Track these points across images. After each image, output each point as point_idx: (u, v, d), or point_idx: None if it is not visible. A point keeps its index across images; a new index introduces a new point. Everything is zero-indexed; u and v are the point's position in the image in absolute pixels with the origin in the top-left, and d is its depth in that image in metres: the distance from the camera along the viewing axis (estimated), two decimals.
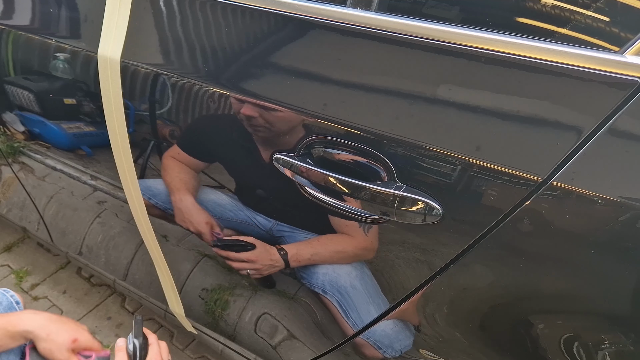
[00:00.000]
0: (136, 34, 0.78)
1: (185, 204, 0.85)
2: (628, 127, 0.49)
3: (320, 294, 0.78)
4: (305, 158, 0.67)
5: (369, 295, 0.73)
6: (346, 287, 0.75)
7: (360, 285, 0.73)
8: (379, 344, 0.76)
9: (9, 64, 1.02)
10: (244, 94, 0.69)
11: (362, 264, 0.71)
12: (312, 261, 0.75)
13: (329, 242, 0.72)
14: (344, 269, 0.74)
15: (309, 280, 0.78)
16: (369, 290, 0.72)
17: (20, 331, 0.75)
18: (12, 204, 1.42)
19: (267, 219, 0.78)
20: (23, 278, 1.65)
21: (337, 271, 0.74)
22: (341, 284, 0.75)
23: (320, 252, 0.74)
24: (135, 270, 1.14)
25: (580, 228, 0.52)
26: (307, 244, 0.75)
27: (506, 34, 0.53)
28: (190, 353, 1.44)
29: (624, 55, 0.49)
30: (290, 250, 0.77)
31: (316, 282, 0.77)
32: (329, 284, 0.76)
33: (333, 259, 0.73)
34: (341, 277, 0.75)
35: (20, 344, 0.77)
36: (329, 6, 0.63)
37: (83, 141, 1.00)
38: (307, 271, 0.78)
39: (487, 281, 0.60)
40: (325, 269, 0.76)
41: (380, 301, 0.72)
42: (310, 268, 0.77)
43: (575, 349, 0.56)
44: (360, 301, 0.74)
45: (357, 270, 0.72)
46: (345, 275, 0.74)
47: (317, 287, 0.77)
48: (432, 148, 0.57)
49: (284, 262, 0.78)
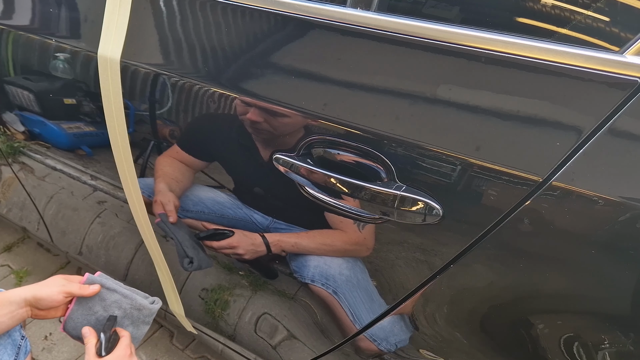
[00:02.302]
0: (136, 34, 0.78)
1: (158, 187, 0.88)
2: (628, 127, 0.49)
3: (322, 293, 0.78)
4: (305, 158, 0.67)
5: (369, 295, 0.73)
6: (347, 286, 0.75)
7: (363, 284, 0.73)
8: (379, 340, 0.76)
9: (9, 64, 1.02)
10: (244, 94, 0.69)
11: (364, 263, 0.71)
12: (296, 248, 0.77)
13: (317, 234, 0.74)
14: (345, 268, 0.74)
15: (302, 274, 0.79)
16: (369, 289, 0.72)
17: (18, 299, 0.75)
18: (12, 204, 1.42)
19: (264, 216, 0.79)
20: (23, 278, 1.65)
21: (343, 273, 0.75)
22: (340, 282, 0.75)
23: (303, 242, 0.76)
24: (135, 270, 1.14)
25: (580, 228, 0.52)
26: (291, 234, 0.77)
27: (506, 34, 0.54)
28: (190, 353, 1.44)
29: (624, 55, 0.49)
30: (272, 236, 0.79)
31: (319, 280, 0.78)
32: (332, 281, 0.76)
33: (320, 250, 0.74)
34: (343, 277, 0.75)
35: (19, 321, 0.76)
36: (329, 6, 0.63)
37: (83, 141, 1.00)
38: (298, 264, 0.79)
39: (487, 281, 0.60)
40: (329, 269, 0.76)
41: (379, 301, 0.72)
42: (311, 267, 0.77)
43: (575, 349, 0.56)
44: (361, 301, 0.74)
45: (359, 270, 0.72)
46: (340, 270, 0.74)
47: (327, 287, 0.78)
48: (432, 148, 0.57)
49: (265, 247, 0.79)
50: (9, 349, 0.80)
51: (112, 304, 0.79)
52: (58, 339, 1.43)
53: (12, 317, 0.75)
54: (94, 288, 0.78)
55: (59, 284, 0.78)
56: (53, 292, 0.76)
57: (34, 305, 0.76)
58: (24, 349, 0.84)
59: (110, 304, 0.79)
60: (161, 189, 0.87)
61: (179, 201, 0.87)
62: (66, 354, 1.39)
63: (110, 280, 0.81)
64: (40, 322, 1.47)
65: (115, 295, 0.80)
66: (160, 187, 0.87)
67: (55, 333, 1.44)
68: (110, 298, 0.79)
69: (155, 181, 0.88)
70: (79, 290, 0.78)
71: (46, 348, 1.40)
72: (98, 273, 0.82)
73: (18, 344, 0.82)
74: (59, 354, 1.39)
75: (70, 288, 0.77)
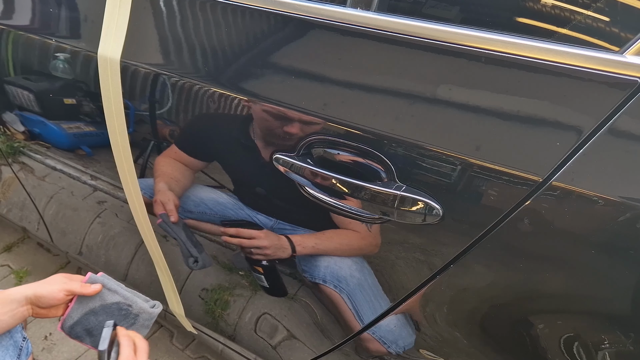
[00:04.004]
0: (136, 34, 0.78)
1: (158, 187, 0.87)
2: (628, 127, 0.49)
3: (326, 289, 0.78)
4: (305, 158, 0.67)
5: (370, 295, 0.73)
6: (355, 285, 0.75)
7: (364, 283, 0.73)
8: (379, 338, 0.76)
9: (9, 64, 1.02)
10: (244, 94, 0.69)
11: (364, 263, 0.71)
12: (316, 250, 0.76)
13: (334, 235, 0.73)
14: (347, 267, 0.74)
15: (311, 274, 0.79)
16: (371, 289, 0.72)
17: (19, 297, 0.74)
18: (12, 204, 1.42)
19: (268, 217, 0.79)
20: (23, 278, 1.65)
21: (353, 274, 0.74)
22: (346, 280, 0.75)
23: (322, 243, 0.75)
24: (135, 270, 1.14)
25: (580, 228, 0.52)
26: (309, 235, 0.76)
27: (506, 34, 0.53)
28: (190, 353, 1.44)
29: (624, 55, 0.49)
30: (295, 238, 0.78)
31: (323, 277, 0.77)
32: (342, 281, 0.76)
33: (338, 250, 0.74)
34: (347, 275, 0.75)
35: (20, 319, 0.76)
36: (329, 6, 0.63)
37: (83, 141, 1.00)
38: (309, 264, 0.79)
39: (487, 281, 0.60)
40: (332, 265, 0.76)
41: (381, 301, 0.72)
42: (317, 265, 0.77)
43: (575, 349, 0.56)
44: (363, 300, 0.74)
45: (361, 270, 0.72)
46: (351, 272, 0.74)
47: (338, 289, 0.77)
48: (432, 148, 0.57)
49: (290, 246, 0.78)
50: (10, 350, 0.80)
51: (112, 305, 0.79)
52: (58, 339, 1.42)
53: (13, 315, 0.74)
54: (96, 287, 0.78)
55: (61, 282, 0.77)
56: (54, 290, 0.76)
57: (34, 304, 0.75)
58: (26, 351, 0.84)
59: (110, 305, 0.79)
60: (161, 189, 0.87)
61: (179, 200, 0.87)
62: (66, 354, 1.39)
63: (112, 281, 0.81)
64: (40, 322, 1.47)
65: (116, 297, 0.80)
66: (160, 187, 0.87)
67: (55, 333, 1.44)
68: (111, 299, 0.79)
69: (155, 181, 0.88)
70: (80, 288, 0.77)
71: (46, 348, 1.40)
72: (100, 273, 0.82)
73: (20, 345, 0.82)
74: (59, 354, 1.39)
75: (71, 286, 0.77)
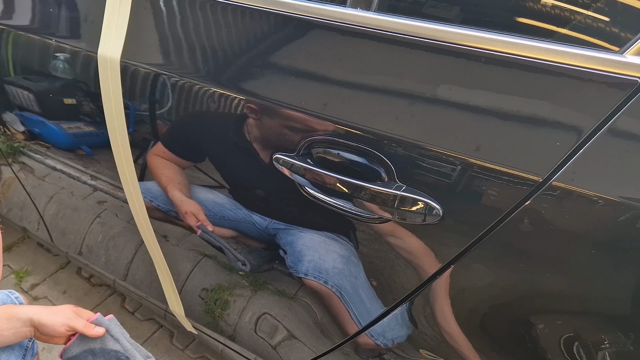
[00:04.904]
0: (136, 34, 0.78)
1: (175, 195, 0.87)
2: (628, 127, 0.49)
3: (326, 291, 0.78)
4: (305, 158, 0.67)
5: (369, 294, 0.73)
6: (348, 288, 0.75)
7: (361, 286, 0.73)
8: (377, 336, 0.76)
9: (9, 64, 1.02)
10: (244, 94, 0.69)
11: (360, 260, 0.71)
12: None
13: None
14: (331, 261, 0.74)
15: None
16: (370, 289, 0.72)
17: (24, 317, 0.75)
18: (12, 204, 1.42)
19: (263, 217, 0.79)
20: (23, 278, 1.65)
21: (337, 267, 0.74)
22: (332, 275, 0.75)
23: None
24: (135, 270, 1.14)
25: (580, 228, 0.52)
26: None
27: (506, 34, 0.53)
28: (190, 353, 1.44)
29: (624, 55, 0.49)
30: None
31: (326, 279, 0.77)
32: (326, 275, 0.76)
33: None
34: (330, 268, 0.75)
35: (21, 338, 0.76)
36: (329, 6, 0.63)
37: (83, 141, 1.00)
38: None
39: (487, 281, 0.60)
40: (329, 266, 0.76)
41: (379, 301, 0.72)
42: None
43: (575, 349, 0.56)
44: (360, 300, 0.74)
45: (353, 265, 0.72)
46: (333, 264, 0.74)
47: (329, 286, 0.77)
48: (432, 148, 0.57)
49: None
50: (16, 350, 0.80)
51: (112, 352, 0.78)
52: None
53: (16, 333, 0.74)
54: (99, 331, 0.77)
55: (66, 316, 0.77)
56: (57, 323, 0.75)
57: (36, 328, 0.75)
58: (31, 351, 0.84)
59: (109, 351, 0.78)
60: (181, 198, 0.85)
61: (201, 206, 0.86)
62: None
63: (118, 327, 0.80)
64: None
65: (117, 346, 0.79)
66: (178, 196, 0.86)
67: None
68: (112, 346, 0.78)
69: (166, 190, 0.87)
70: (83, 328, 0.77)
71: (46, 348, 1.40)
72: (110, 316, 0.81)
73: (25, 345, 0.83)
74: None
75: (75, 323, 0.76)
